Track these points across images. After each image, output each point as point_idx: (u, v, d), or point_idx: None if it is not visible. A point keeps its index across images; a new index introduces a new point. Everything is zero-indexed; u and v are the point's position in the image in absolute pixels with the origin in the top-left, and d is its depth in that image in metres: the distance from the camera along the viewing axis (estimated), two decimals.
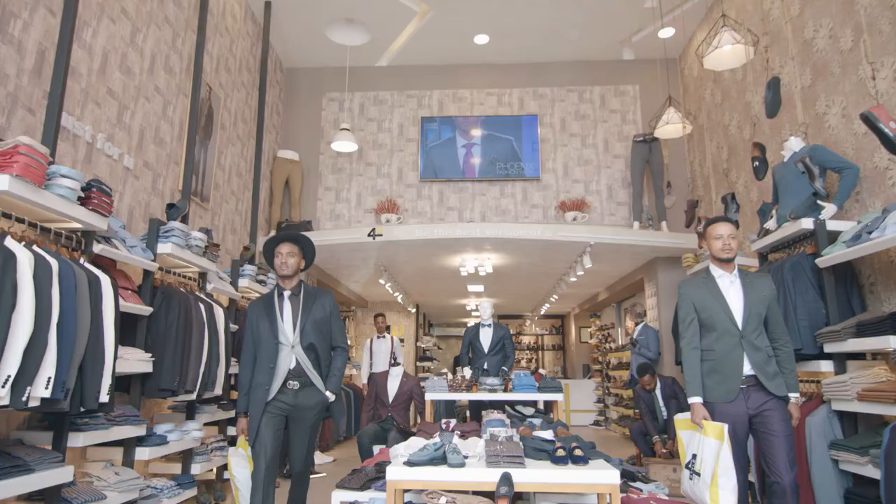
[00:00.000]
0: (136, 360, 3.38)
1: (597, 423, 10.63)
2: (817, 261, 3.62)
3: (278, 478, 5.68)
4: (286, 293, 3.15)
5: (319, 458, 6.35)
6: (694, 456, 2.70)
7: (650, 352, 6.47)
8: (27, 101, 3.16)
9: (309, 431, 3.06)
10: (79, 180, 2.87)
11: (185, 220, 4.42)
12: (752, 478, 4.32)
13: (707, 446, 2.63)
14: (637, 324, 6.90)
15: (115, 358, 2.89)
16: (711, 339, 2.86)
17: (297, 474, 3.14)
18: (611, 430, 9.75)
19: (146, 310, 3.54)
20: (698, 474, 2.64)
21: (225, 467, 4.59)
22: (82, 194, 2.96)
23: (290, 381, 3.01)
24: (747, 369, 2.78)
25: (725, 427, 2.59)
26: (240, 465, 3.06)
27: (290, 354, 3.03)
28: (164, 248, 3.76)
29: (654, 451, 5.23)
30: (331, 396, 3.07)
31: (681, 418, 2.88)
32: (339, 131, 6.54)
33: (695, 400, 2.80)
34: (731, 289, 2.89)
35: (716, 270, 2.96)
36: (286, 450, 3.18)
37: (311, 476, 5.56)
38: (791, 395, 2.80)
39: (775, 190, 4.33)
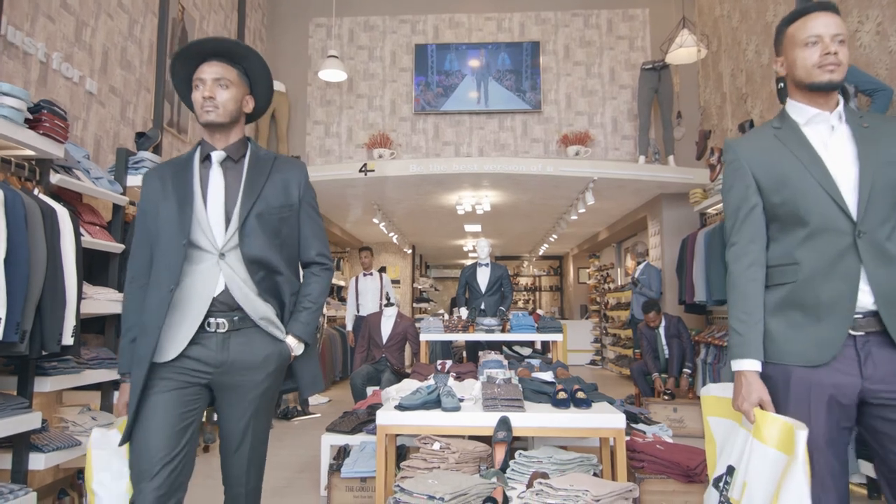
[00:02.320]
0: (109, 301, 3.16)
1: (593, 362, 10.67)
2: None
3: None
4: (215, 156, 1.67)
5: (315, 398, 6.28)
6: (730, 470, 1.39)
7: (651, 291, 6.30)
8: None
9: (253, 410, 1.63)
10: (24, 99, 2.55)
11: (157, 150, 4.09)
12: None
13: (759, 459, 1.31)
14: (639, 263, 6.70)
15: (80, 298, 2.66)
16: (794, 241, 1.43)
17: (235, 497, 1.68)
18: (607, 370, 9.78)
19: (117, 247, 3.29)
20: None
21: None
22: (30, 116, 2.64)
23: (214, 319, 1.60)
24: (867, 300, 1.36)
25: (802, 435, 1.26)
26: (104, 465, 1.60)
27: (216, 270, 1.60)
28: (133, 180, 3.47)
29: (654, 390, 5.14)
30: (294, 345, 1.68)
31: (711, 395, 1.54)
32: (326, 59, 6.08)
33: (745, 365, 1.41)
34: (833, 141, 1.45)
35: (801, 111, 1.49)
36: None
37: (305, 416, 5.49)
38: None
39: None
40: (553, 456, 2.38)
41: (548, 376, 3.34)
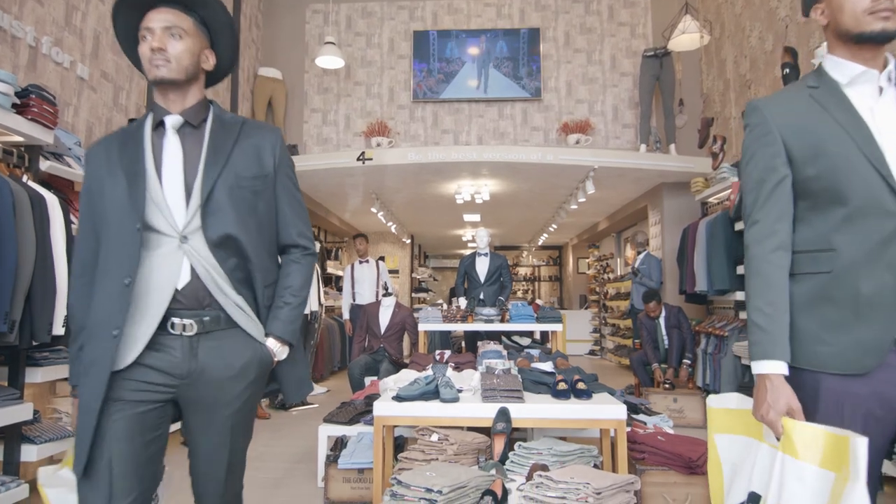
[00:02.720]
0: None
1: (592, 352, 10.66)
2: None
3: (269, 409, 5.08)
4: (170, 121, 1.39)
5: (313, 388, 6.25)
6: (755, 498, 1.16)
7: (652, 281, 6.26)
8: None
9: (230, 429, 1.37)
10: (11, 83, 2.49)
11: None
12: None
13: (795, 480, 1.08)
14: (639, 253, 6.65)
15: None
16: (830, 223, 1.22)
17: None
18: (606, 360, 9.76)
19: None
20: None
21: None
22: (18, 101, 2.57)
23: (179, 319, 1.32)
24: None
25: (861, 445, 1.02)
26: (62, 501, 1.38)
27: (178, 256, 1.33)
28: None
29: (654, 380, 5.11)
30: (277, 349, 1.42)
31: (720, 407, 1.29)
32: (323, 45, 5.99)
33: (770, 367, 1.18)
34: (881, 106, 1.22)
35: (843, 69, 1.25)
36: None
37: (303, 407, 5.46)
38: None
39: None
40: (553, 447, 2.35)
41: (547, 367, 3.30)
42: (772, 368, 1.17)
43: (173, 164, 1.35)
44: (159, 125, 1.39)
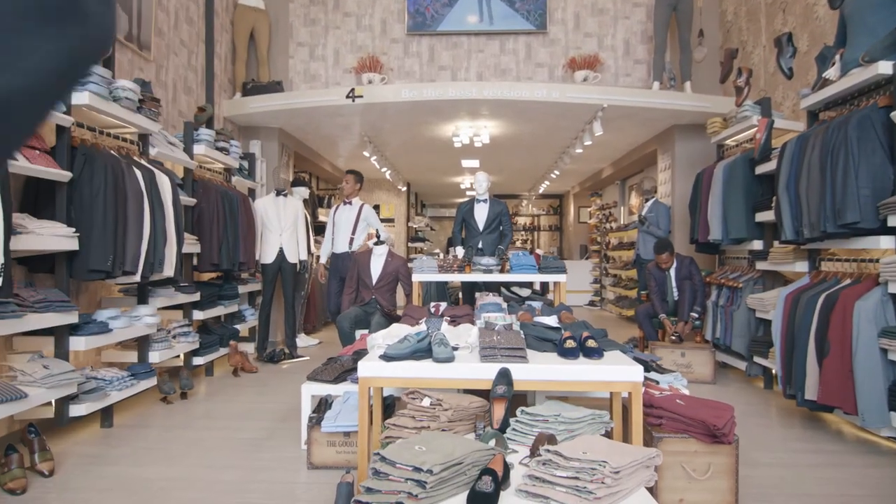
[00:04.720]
0: (55, 236, 2.78)
1: (592, 303, 10.46)
2: (893, 115, 2.94)
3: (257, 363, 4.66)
4: None
5: (304, 340, 6.02)
6: None
7: (659, 229, 5.93)
8: None
9: None
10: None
11: (110, 65, 3.59)
12: (767, 363, 3.95)
13: None
14: (646, 200, 6.29)
15: (9, 231, 2.28)
16: None
17: None
18: (607, 311, 9.57)
19: (64, 175, 2.87)
20: None
21: (195, 353, 4.18)
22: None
23: None
24: None
25: None
26: None
27: None
28: (80, 98, 2.99)
29: (662, 333, 4.86)
30: None
31: None
32: None
33: None
34: None
35: None
36: None
37: (293, 360, 5.22)
38: None
39: (842, 29, 3.50)
40: (561, 413, 2.07)
41: (551, 321, 3.01)
42: None
43: None
44: None
